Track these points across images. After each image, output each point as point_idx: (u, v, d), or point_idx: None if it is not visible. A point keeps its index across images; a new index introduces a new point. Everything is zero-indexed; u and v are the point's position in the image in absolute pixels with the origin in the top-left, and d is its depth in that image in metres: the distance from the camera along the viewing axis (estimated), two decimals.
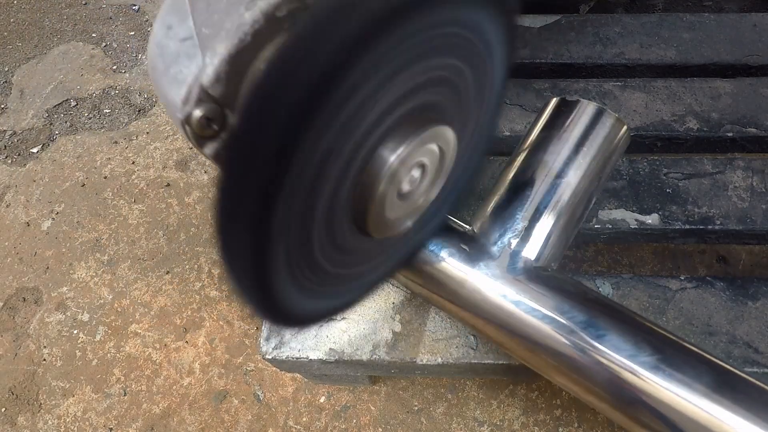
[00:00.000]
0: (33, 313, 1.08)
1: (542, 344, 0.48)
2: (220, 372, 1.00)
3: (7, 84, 1.40)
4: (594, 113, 0.55)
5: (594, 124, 0.54)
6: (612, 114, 0.55)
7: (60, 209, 1.20)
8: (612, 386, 0.45)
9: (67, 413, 0.98)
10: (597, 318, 0.47)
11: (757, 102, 0.80)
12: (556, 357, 0.48)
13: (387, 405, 0.94)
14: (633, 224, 0.70)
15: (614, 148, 0.56)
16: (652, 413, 0.43)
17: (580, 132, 0.54)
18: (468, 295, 0.52)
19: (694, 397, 0.42)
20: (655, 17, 0.92)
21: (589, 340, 0.46)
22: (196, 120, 0.37)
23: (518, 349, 0.51)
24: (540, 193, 0.53)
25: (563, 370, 0.48)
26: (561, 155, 0.54)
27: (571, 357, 0.47)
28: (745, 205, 0.70)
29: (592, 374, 0.46)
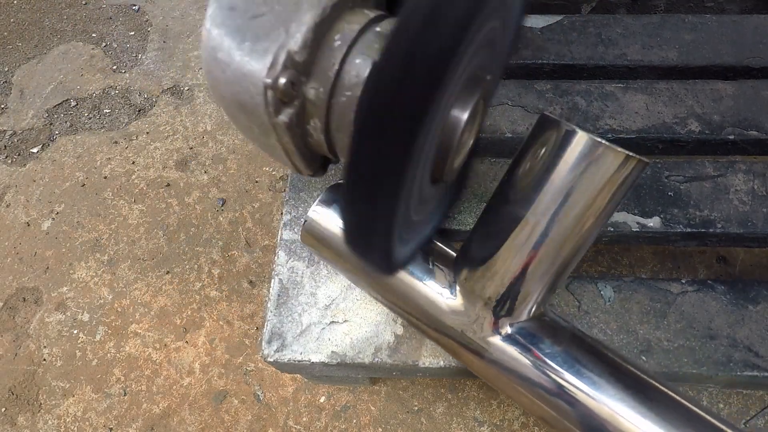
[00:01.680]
0: (33, 313, 1.08)
1: (526, 401, 0.50)
2: (220, 372, 1.00)
3: (7, 84, 1.39)
4: (589, 149, 0.43)
5: (588, 166, 0.43)
6: (613, 150, 0.43)
7: (60, 209, 1.19)
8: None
9: (67, 413, 0.98)
10: (583, 377, 0.47)
11: (758, 104, 0.80)
12: (541, 411, 0.49)
13: (387, 405, 0.94)
14: (635, 227, 0.70)
15: (615, 193, 0.45)
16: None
17: (571, 177, 0.44)
18: (451, 347, 0.54)
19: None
20: (656, 18, 0.92)
21: (573, 393, 0.46)
22: (283, 84, 0.39)
23: (507, 396, 0.53)
24: (523, 245, 0.47)
25: (553, 425, 0.49)
26: (547, 206, 0.45)
27: (555, 417, 0.48)
28: (746, 208, 0.70)
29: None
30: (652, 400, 0.45)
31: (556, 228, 0.45)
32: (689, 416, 0.44)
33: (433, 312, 0.54)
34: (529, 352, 0.49)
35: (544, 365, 0.48)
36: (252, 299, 1.06)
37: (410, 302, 0.55)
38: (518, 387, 0.49)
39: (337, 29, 0.41)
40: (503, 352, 0.50)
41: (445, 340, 0.54)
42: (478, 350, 0.51)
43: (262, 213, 1.16)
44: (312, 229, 0.61)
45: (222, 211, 1.17)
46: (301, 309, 0.67)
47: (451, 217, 0.70)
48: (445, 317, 0.53)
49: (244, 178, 1.21)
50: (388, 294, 0.57)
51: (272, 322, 0.67)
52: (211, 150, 1.25)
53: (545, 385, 0.48)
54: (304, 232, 0.62)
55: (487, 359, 0.51)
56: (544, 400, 0.48)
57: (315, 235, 0.61)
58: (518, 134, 0.80)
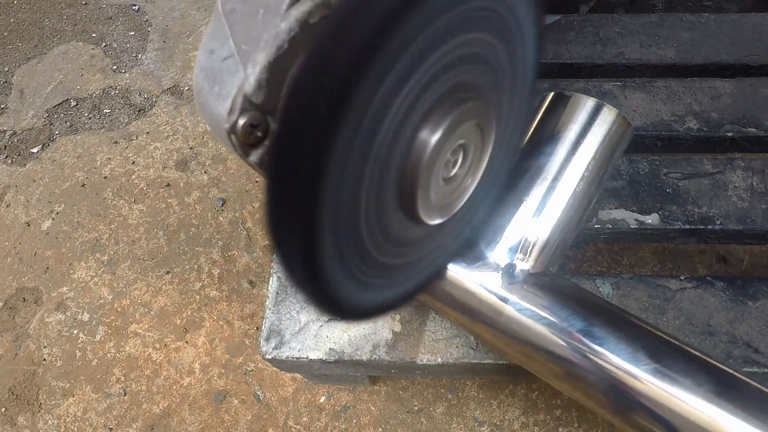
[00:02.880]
0: (33, 313, 1.08)
1: (541, 349, 0.48)
2: (220, 372, 1.00)
3: (7, 84, 1.40)
4: (592, 109, 0.52)
5: (592, 122, 0.52)
6: (613, 110, 0.52)
7: (60, 209, 1.20)
8: (611, 391, 0.45)
9: (67, 413, 0.98)
10: (595, 323, 0.47)
11: (757, 102, 0.80)
12: (555, 362, 0.48)
13: (387, 405, 0.94)
14: (633, 224, 0.70)
15: (615, 147, 0.54)
16: (651, 418, 0.43)
17: (578, 131, 0.52)
18: (467, 302, 0.52)
19: (693, 402, 0.41)
20: (655, 17, 0.92)
21: (588, 344, 0.46)
22: (241, 127, 0.39)
23: (518, 354, 0.51)
24: (536, 197, 0.51)
25: (562, 375, 0.48)
26: (557, 156, 0.52)
27: (570, 362, 0.47)
28: (745, 205, 0.70)
29: (590, 379, 0.46)
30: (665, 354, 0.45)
31: (568, 172, 0.51)
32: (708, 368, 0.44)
33: (453, 270, 0.52)
34: (550, 295, 0.49)
35: (567, 307, 0.48)
36: (252, 299, 1.06)
37: None
38: (540, 334, 0.49)
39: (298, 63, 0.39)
40: (523, 297, 0.50)
41: (464, 301, 0.53)
42: (500, 300, 0.50)
43: (262, 213, 1.16)
44: None
45: (222, 211, 1.17)
46: (299, 307, 0.67)
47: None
48: (464, 275, 0.52)
49: (244, 178, 1.21)
50: None
51: (270, 320, 0.67)
52: (211, 150, 1.25)
53: (567, 329, 0.47)
54: None
55: (507, 312, 0.50)
56: (564, 346, 0.47)
57: None
58: None
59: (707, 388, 0.42)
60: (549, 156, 0.52)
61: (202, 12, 1.49)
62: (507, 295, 0.49)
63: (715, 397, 0.42)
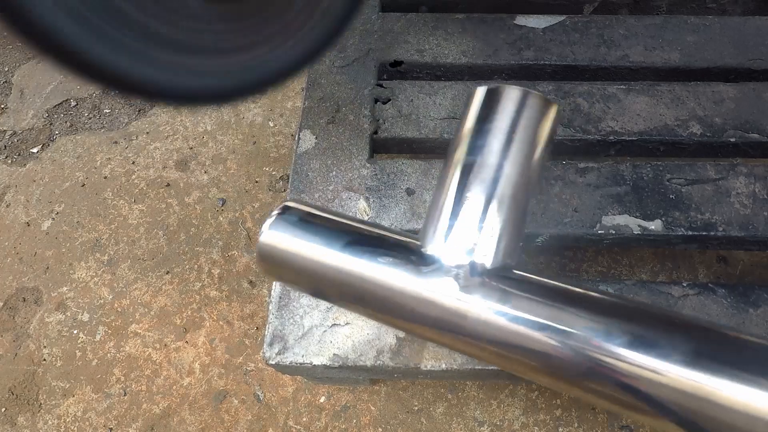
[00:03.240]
0: (33, 313, 1.08)
1: (514, 345, 0.47)
2: (220, 372, 1.00)
3: (7, 84, 1.39)
4: (519, 98, 0.52)
5: (521, 110, 0.52)
6: (537, 94, 0.52)
7: (60, 209, 1.19)
8: (591, 374, 0.44)
9: (67, 413, 0.98)
10: (563, 308, 0.46)
11: (760, 107, 0.80)
12: (531, 356, 0.47)
13: (387, 405, 0.94)
14: (636, 230, 0.70)
15: (547, 130, 0.54)
16: (634, 394, 0.43)
17: (508, 121, 0.52)
18: (428, 313, 0.50)
19: (673, 370, 0.41)
20: (659, 19, 0.92)
21: (559, 331, 0.45)
22: None
23: (491, 356, 0.50)
24: (479, 193, 0.51)
25: (539, 368, 0.47)
26: (493, 149, 0.51)
27: (545, 353, 0.46)
28: (747, 211, 0.70)
29: (568, 366, 0.45)
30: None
31: (506, 163, 0.51)
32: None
33: (407, 283, 0.51)
34: (513, 288, 0.48)
35: (533, 298, 0.47)
36: (252, 299, 1.06)
37: (382, 286, 0.52)
38: (510, 330, 0.47)
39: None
40: (486, 295, 0.48)
41: (425, 312, 0.51)
42: (463, 305, 0.49)
43: (262, 213, 1.16)
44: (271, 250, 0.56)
45: (222, 211, 1.16)
46: (302, 311, 0.67)
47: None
48: (420, 284, 0.50)
49: (244, 178, 1.21)
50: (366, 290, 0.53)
51: (274, 325, 0.67)
52: (211, 150, 1.25)
53: (536, 321, 0.46)
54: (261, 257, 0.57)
55: (473, 314, 0.48)
56: (537, 338, 0.46)
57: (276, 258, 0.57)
58: None
59: (685, 353, 0.41)
60: (484, 150, 0.52)
61: None
62: (468, 297, 0.48)
63: (693, 361, 0.41)
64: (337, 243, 0.53)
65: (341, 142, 0.81)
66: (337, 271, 0.53)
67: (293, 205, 0.57)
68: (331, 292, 0.55)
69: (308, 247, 0.54)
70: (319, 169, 0.79)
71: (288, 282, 0.58)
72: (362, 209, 0.74)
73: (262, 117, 1.29)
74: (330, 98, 0.85)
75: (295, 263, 0.54)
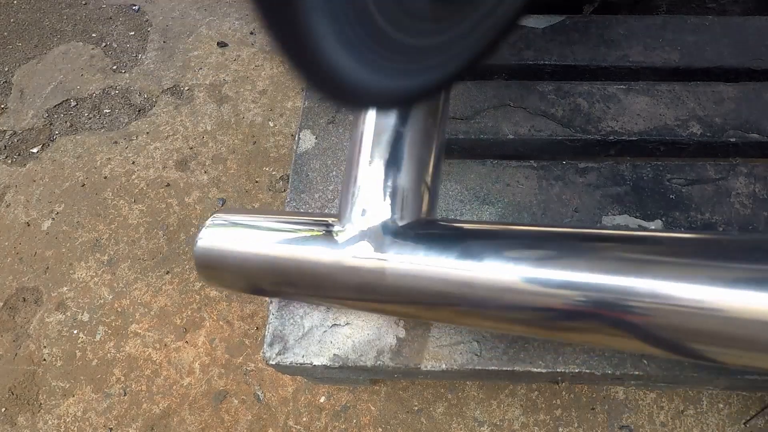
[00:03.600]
0: (33, 313, 1.08)
1: (432, 293, 0.47)
2: (220, 372, 1.00)
3: (7, 84, 1.39)
4: None
5: None
6: None
7: (60, 209, 1.19)
8: (512, 307, 0.45)
9: (67, 413, 0.98)
10: (473, 245, 0.46)
11: (760, 107, 0.79)
12: (450, 299, 0.47)
13: (387, 405, 0.94)
14: None
15: None
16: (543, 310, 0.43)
17: None
18: (351, 281, 0.51)
19: (579, 276, 0.41)
20: (659, 19, 0.92)
21: (472, 267, 0.45)
22: None
23: (417, 310, 0.51)
24: (379, 158, 0.52)
25: (461, 311, 0.48)
26: (388, 115, 0.52)
27: (461, 293, 0.46)
28: (747, 211, 0.70)
29: (489, 301, 0.45)
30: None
31: (404, 125, 0.52)
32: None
33: (328, 256, 0.52)
34: (426, 238, 0.49)
35: (446, 244, 0.48)
36: (252, 299, 1.06)
37: (308, 266, 0.53)
38: (426, 278, 0.47)
39: None
40: (403, 251, 0.49)
41: (349, 280, 0.52)
42: (379, 263, 0.49)
43: None
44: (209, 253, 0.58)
45: None
46: (303, 312, 0.67)
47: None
48: (339, 254, 0.51)
49: (244, 178, 1.21)
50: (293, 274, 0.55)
51: (274, 325, 0.67)
52: (211, 150, 1.25)
53: (450, 263, 0.46)
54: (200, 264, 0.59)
55: (390, 270, 0.49)
56: (452, 279, 0.46)
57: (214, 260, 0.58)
58: (520, 136, 0.80)
59: (588, 259, 0.42)
60: (379, 118, 0.53)
61: (202, 12, 1.48)
62: (383, 256, 0.49)
63: (598, 262, 0.41)
64: (262, 236, 0.56)
65: (341, 142, 0.81)
66: (266, 260, 0.55)
67: (221, 214, 0.60)
68: (264, 282, 0.57)
69: (238, 245, 0.57)
70: (319, 169, 0.79)
71: (227, 285, 0.62)
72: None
73: (262, 117, 1.29)
74: None
75: (230, 263, 0.57)
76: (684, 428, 0.90)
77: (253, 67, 1.37)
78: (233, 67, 1.37)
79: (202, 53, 1.40)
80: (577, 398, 0.93)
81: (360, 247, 0.50)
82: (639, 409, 0.91)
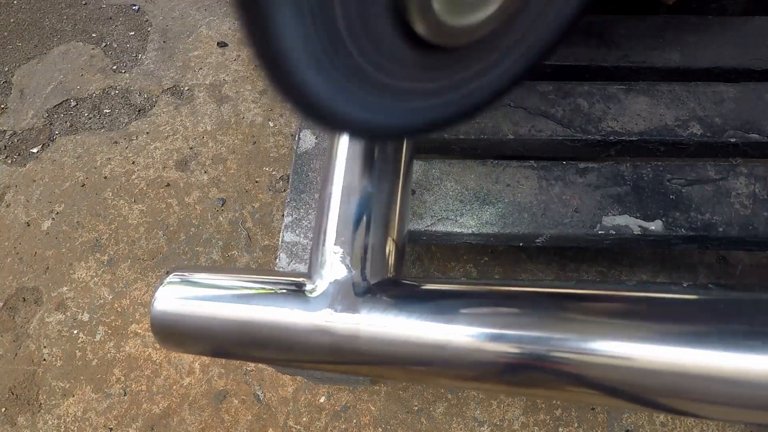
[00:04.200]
0: (33, 313, 1.08)
1: (403, 353, 0.47)
2: (220, 372, 1.00)
3: (7, 84, 1.39)
4: None
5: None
6: None
7: (60, 209, 1.19)
8: (490, 366, 0.44)
9: (67, 413, 0.98)
10: (445, 307, 0.46)
11: (760, 107, 0.79)
12: (423, 361, 0.47)
13: (387, 405, 0.94)
14: (636, 231, 0.70)
15: (406, 146, 0.56)
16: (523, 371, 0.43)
17: (334, 144, 0.55)
18: (324, 345, 0.49)
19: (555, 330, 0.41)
20: (659, 19, 0.92)
21: (442, 327, 0.45)
22: None
23: (394, 372, 0.50)
24: (338, 213, 0.52)
25: (435, 372, 0.47)
26: (356, 173, 0.54)
27: (434, 356, 0.46)
28: (747, 212, 0.70)
29: (466, 362, 0.45)
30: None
31: (372, 184, 0.54)
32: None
33: (298, 318, 0.50)
34: (398, 298, 0.49)
35: (419, 303, 0.48)
36: None
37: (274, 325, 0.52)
38: (398, 339, 0.47)
39: None
40: (375, 311, 0.48)
41: (320, 341, 0.50)
42: (354, 323, 0.48)
43: (262, 213, 1.16)
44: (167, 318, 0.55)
45: (222, 211, 1.16)
46: None
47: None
48: (309, 316, 0.50)
49: (244, 178, 1.21)
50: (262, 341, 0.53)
51: None
52: (211, 150, 1.25)
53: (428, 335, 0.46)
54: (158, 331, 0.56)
55: (364, 330, 0.48)
56: (431, 350, 0.46)
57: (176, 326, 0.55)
58: (520, 136, 0.80)
59: (555, 312, 0.42)
60: (347, 175, 0.54)
61: (202, 12, 1.48)
62: (356, 317, 0.48)
63: (567, 319, 0.42)
64: (226, 295, 0.53)
65: None
66: (231, 321, 0.52)
67: (180, 273, 0.57)
68: (231, 345, 0.54)
69: (200, 305, 0.54)
70: (319, 169, 0.79)
71: (188, 348, 0.57)
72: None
73: (262, 117, 1.29)
74: None
75: (191, 326, 0.54)
76: (684, 428, 0.90)
77: (253, 67, 1.37)
78: (233, 67, 1.37)
79: (202, 53, 1.40)
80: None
81: (332, 306, 0.50)
82: (639, 409, 0.91)
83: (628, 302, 0.42)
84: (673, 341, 0.38)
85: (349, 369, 0.52)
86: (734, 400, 0.37)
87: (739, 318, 0.38)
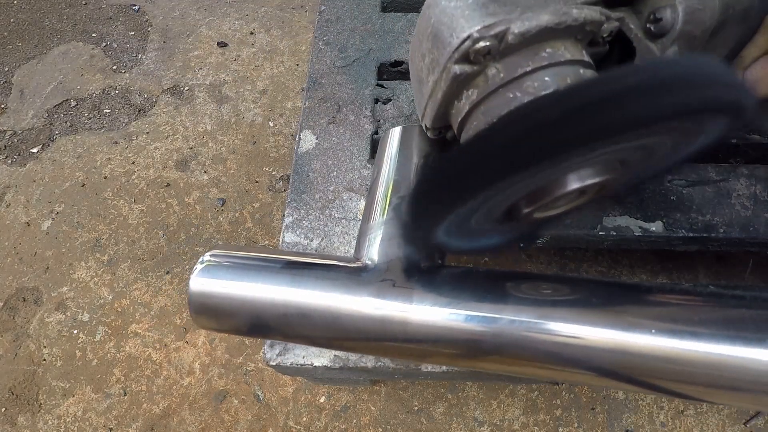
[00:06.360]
0: (33, 313, 1.08)
1: (437, 336, 0.48)
2: (220, 372, 1.00)
3: (7, 84, 1.39)
4: (392, 133, 0.61)
5: (393, 140, 0.61)
6: (397, 128, 0.61)
7: (60, 209, 1.19)
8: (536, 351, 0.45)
9: (67, 413, 0.98)
10: (453, 289, 0.48)
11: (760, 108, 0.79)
12: (463, 344, 0.47)
13: (387, 405, 0.95)
14: (637, 231, 0.70)
15: (418, 145, 0.61)
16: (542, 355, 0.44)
17: (387, 152, 0.60)
18: (373, 328, 0.50)
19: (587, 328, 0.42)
20: None
21: (450, 311, 0.47)
22: (480, 46, 0.40)
23: (406, 352, 0.51)
24: (376, 204, 0.56)
25: (479, 355, 0.48)
26: (383, 176, 0.58)
27: (481, 338, 0.46)
28: (748, 213, 0.70)
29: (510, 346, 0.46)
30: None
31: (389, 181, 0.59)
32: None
33: (350, 292, 0.51)
34: (452, 283, 0.50)
35: (468, 289, 0.49)
36: None
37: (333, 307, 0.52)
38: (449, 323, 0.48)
39: (553, 44, 0.42)
40: (430, 288, 0.50)
41: (371, 323, 0.51)
42: (403, 299, 0.49)
43: (262, 213, 1.16)
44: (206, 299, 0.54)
45: (222, 211, 1.16)
46: None
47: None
48: (360, 291, 0.51)
49: (244, 178, 1.21)
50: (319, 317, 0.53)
51: None
52: (211, 150, 1.25)
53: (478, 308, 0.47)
54: (195, 311, 0.55)
55: (416, 305, 0.49)
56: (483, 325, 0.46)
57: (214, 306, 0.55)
58: None
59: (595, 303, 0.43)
60: (399, 169, 0.59)
61: (202, 12, 1.48)
62: (410, 293, 0.49)
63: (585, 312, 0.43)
64: (270, 272, 0.53)
65: (342, 143, 0.81)
66: (274, 294, 0.52)
67: (217, 251, 0.56)
68: (273, 322, 0.54)
69: (241, 284, 0.53)
70: (319, 169, 0.79)
71: (226, 328, 0.57)
72: (363, 209, 0.74)
73: (262, 117, 1.29)
74: (331, 98, 0.85)
75: (231, 304, 0.53)
76: (684, 428, 0.90)
77: (253, 67, 1.37)
78: (233, 67, 1.37)
79: (202, 53, 1.40)
80: (577, 398, 0.93)
81: (385, 280, 0.50)
82: (639, 410, 0.91)
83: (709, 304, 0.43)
84: (666, 330, 0.39)
85: (394, 348, 0.52)
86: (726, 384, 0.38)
87: (740, 316, 0.39)
